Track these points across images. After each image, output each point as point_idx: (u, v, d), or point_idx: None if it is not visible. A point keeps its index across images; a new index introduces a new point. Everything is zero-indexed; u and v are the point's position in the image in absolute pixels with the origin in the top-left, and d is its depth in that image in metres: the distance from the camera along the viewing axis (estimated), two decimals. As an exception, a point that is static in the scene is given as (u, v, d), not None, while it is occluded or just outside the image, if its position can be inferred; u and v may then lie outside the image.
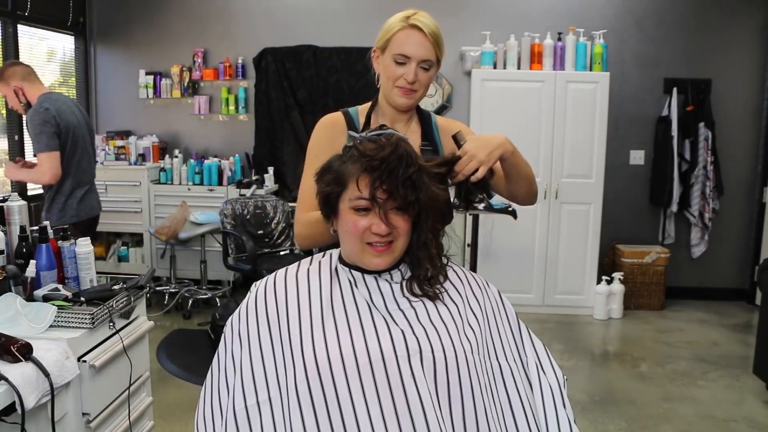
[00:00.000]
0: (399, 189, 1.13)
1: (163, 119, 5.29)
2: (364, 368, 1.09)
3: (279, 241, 4.47)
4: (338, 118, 1.64)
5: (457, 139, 1.39)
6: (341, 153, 1.22)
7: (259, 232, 4.39)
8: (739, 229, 4.97)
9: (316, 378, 1.08)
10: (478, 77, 4.48)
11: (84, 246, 1.91)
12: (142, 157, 4.97)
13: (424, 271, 1.21)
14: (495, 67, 4.55)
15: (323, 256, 1.30)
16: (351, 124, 1.62)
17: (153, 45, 5.25)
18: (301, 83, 5.07)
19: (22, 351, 1.47)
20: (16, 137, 4.51)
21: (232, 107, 5.17)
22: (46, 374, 1.49)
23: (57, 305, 1.71)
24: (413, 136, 1.61)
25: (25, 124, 3.52)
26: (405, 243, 1.20)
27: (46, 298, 1.75)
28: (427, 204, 1.17)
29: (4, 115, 4.50)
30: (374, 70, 1.63)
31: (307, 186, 1.53)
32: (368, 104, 1.67)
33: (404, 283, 1.22)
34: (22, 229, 1.88)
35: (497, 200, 3.59)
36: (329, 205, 1.22)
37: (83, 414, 1.73)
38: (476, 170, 1.30)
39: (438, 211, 1.21)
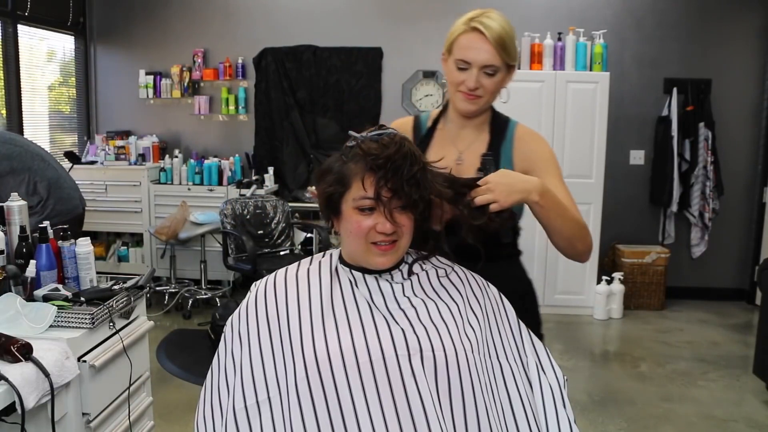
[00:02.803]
0: (404, 187, 1.13)
1: (163, 119, 5.29)
2: (364, 366, 1.09)
3: (279, 241, 4.47)
4: (408, 121, 1.64)
5: (484, 165, 1.30)
6: (340, 154, 1.22)
7: (259, 232, 4.39)
8: (739, 229, 4.97)
9: (316, 376, 1.08)
10: (478, 77, 4.47)
11: (84, 246, 1.91)
12: (142, 157, 4.96)
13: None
14: (495, 67, 4.55)
15: (323, 256, 1.30)
16: (418, 127, 1.61)
17: (153, 45, 5.25)
18: (301, 83, 5.07)
19: (22, 351, 1.47)
20: None
21: (232, 107, 5.17)
22: (46, 374, 1.49)
23: (57, 305, 1.71)
24: (480, 146, 1.52)
25: None
26: (408, 241, 1.21)
27: (46, 298, 1.75)
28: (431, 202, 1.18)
29: (4, 115, 4.50)
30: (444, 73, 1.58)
31: None
32: (439, 109, 1.63)
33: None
34: (22, 229, 1.88)
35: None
36: (331, 206, 1.22)
37: (83, 414, 1.73)
38: (489, 204, 1.22)
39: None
